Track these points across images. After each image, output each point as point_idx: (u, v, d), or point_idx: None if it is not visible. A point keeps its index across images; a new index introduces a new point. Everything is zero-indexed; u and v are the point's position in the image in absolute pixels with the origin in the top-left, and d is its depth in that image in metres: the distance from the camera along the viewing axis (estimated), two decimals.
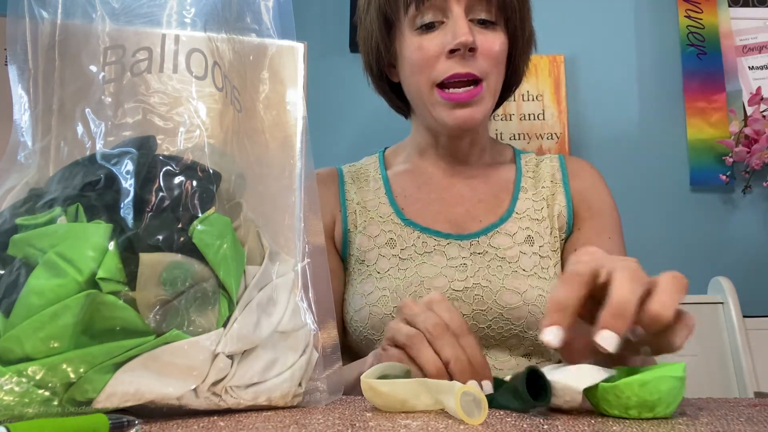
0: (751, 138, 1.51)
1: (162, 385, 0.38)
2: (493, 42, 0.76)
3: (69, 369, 0.36)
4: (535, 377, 0.41)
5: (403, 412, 0.42)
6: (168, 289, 0.39)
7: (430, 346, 0.50)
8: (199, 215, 0.41)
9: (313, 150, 0.53)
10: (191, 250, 0.40)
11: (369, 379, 0.43)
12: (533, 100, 1.59)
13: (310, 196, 0.52)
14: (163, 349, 0.38)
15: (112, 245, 0.38)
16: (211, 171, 0.44)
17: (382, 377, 0.46)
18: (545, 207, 0.82)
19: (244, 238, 0.45)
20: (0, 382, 0.34)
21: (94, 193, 0.41)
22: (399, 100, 0.87)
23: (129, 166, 0.41)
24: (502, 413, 0.41)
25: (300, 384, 0.45)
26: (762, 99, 1.53)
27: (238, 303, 0.42)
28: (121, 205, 0.40)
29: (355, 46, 1.55)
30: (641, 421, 0.39)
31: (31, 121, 0.46)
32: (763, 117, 1.52)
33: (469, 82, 0.75)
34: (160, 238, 0.39)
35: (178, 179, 0.42)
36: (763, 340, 1.31)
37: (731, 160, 1.52)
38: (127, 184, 0.41)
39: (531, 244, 0.78)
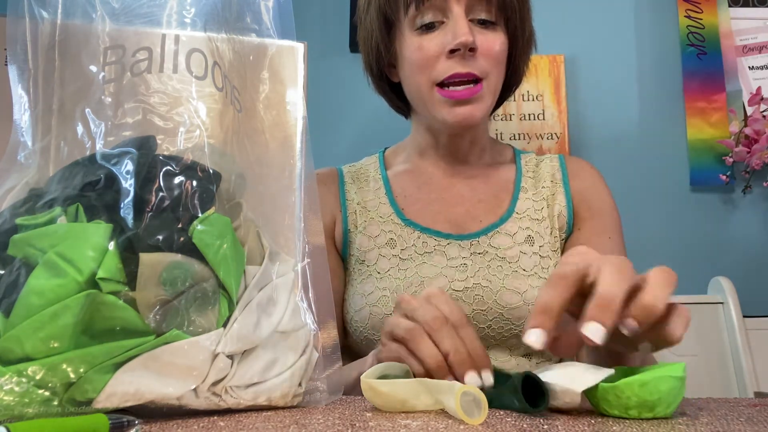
0: (751, 138, 1.51)
1: (162, 385, 0.38)
2: (493, 42, 0.76)
3: (69, 369, 0.36)
4: (532, 382, 0.41)
5: (403, 412, 0.42)
6: (168, 289, 0.39)
7: (430, 339, 0.49)
8: (199, 215, 0.41)
9: (313, 150, 0.53)
10: (191, 250, 0.40)
11: (369, 379, 0.43)
12: (533, 100, 1.59)
13: (310, 196, 0.52)
14: (163, 349, 0.38)
15: (112, 245, 0.38)
16: (211, 171, 0.44)
17: (382, 377, 0.46)
18: (545, 207, 0.82)
19: (244, 238, 0.45)
20: (0, 382, 0.34)
21: (94, 193, 0.41)
22: (399, 100, 0.87)
23: (129, 166, 0.41)
24: (502, 413, 0.41)
25: (300, 384, 0.45)
26: (762, 99, 1.53)
27: (238, 303, 0.42)
28: (121, 205, 0.40)
29: (355, 46, 1.55)
30: (641, 421, 0.39)
31: (31, 121, 0.46)
32: (763, 117, 1.52)
33: (469, 81, 0.75)
34: (160, 238, 0.39)
35: (178, 179, 0.42)
36: (763, 340, 1.31)
37: (731, 160, 1.52)
38: (127, 184, 0.41)
39: (531, 244, 0.78)
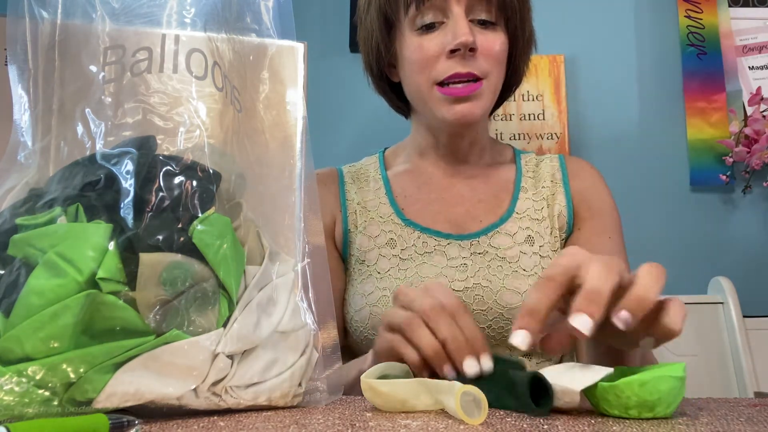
0: (751, 138, 1.51)
1: (162, 385, 0.38)
2: (493, 42, 0.76)
3: (69, 369, 0.36)
4: (537, 382, 0.41)
5: (403, 412, 0.42)
6: (168, 289, 0.39)
7: (427, 327, 0.49)
8: (199, 215, 0.41)
9: (313, 150, 0.53)
10: (191, 250, 0.40)
11: (369, 379, 0.43)
12: (533, 100, 1.59)
13: (310, 196, 0.52)
14: (163, 349, 0.38)
15: (112, 245, 0.38)
16: (211, 171, 0.44)
17: (382, 377, 0.46)
18: (545, 207, 0.82)
19: (244, 238, 0.45)
20: (0, 382, 0.34)
21: (94, 193, 0.41)
22: (399, 100, 0.87)
23: (129, 166, 0.41)
24: (502, 413, 0.41)
25: (300, 384, 0.45)
26: (762, 99, 1.53)
27: (238, 303, 0.42)
28: (121, 205, 0.40)
29: (355, 46, 1.55)
30: (641, 421, 0.39)
31: (31, 121, 0.46)
32: (763, 117, 1.52)
33: (470, 79, 0.75)
34: (160, 238, 0.39)
35: (178, 179, 0.42)
36: (763, 340, 1.31)
37: (731, 160, 1.52)
38: (127, 184, 0.41)
39: (531, 244, 0.78)
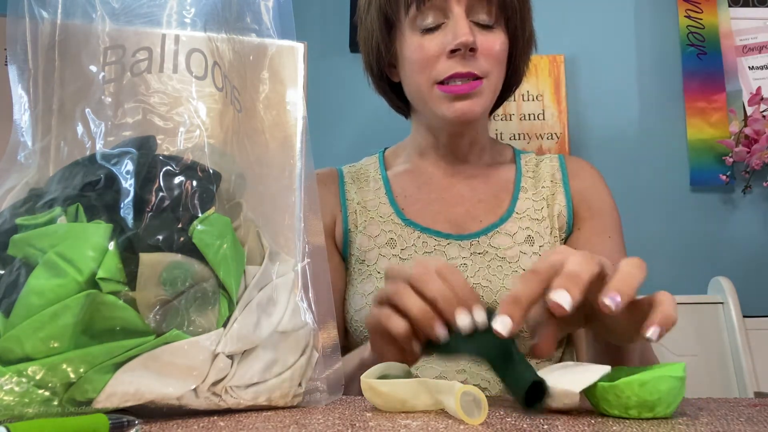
0: (751, 138, 1.51)
1: (162, 385, 0.38)
2: (493, 42, 0.76)
3: (69, 369, 0.36)
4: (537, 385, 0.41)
5: (403, 412, 0.42)
6: (168, 289, 0.39)
7: (414, 292, 0.48)
8: (199, 215, 0.41)
9: (313, 150, 0.53)
10: (191, 250, 0.40)
11: (369, 379, 0.43)
12: (533, 100, 1.59)
13: (310, 196, 0.52)
14: (163, 349, 0.38)
15: (112, 245, 0.38)
16: (211, 171, 0.44)
17: (382, 377, 0.46)
18: (545, 207, 0.82)
19: (244, 238, 0.45)
20: (0, 382, 0.34)
21: (94, 193, 0.41)
22: (399, 100, 0.87)
23: (129, 166, 0.41)
24: (502, 413, 0.41)
25: (300, 384, 0.45)
26: (762, 99, 1.53)
27: (238, 303, 0.42)
28: (121, 205, 0.40)
29: (355, 46, 1.55)
30: (641, 421, 0.39)
31: (31, 121, 0.46)
32: (763, 117, 1.52)
33: (470, 78, 0.75)
34: (160, 238, 0.39)
35: (178, 179, 0.42)
36: (763, 340, 1.31)
37: (731, 160, 1.52)
38: (127, 184, 0.41)
39: (531, 244, 0.78)
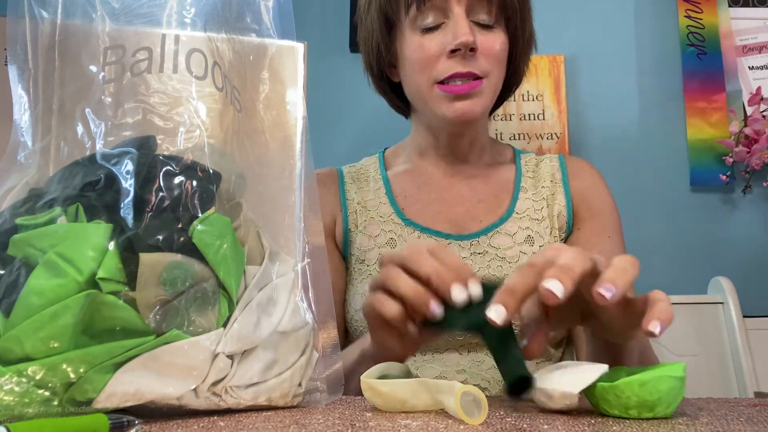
0: (751, 138, 1.51)
1: (162, 385, 0.38)
2: (493, 42, 0.76)
3: (69, 369, 0.36)
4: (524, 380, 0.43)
5: (403, 412, 0.42)
6: (168, 289, 0.39)
7: (408, 274, 0.48)
8: (199, 215, 0.41)
9: (313, 150, 0.53)
10: (191, 250, 0.40)
11: (369, 379, 0.43)
12: (533, 100, 1.59)
13: (310, 196, 0.52)
14: (163, 349, 0.38)
15: (112, 245, 0.38)
16: (211, 171, 0.44)
17: (382, 377, 0.46)
18: (545, 207, 0.82)
19: (244, 238, 0.45)
20: (0, 382, 0.34)
21: (94, 193, 0.41)
22: (399, 100, 0.87)
23: (129, 166, 0.41)
24: (502, 413, 0.41)
25: (300, 384, 0.45)
26: (762, 99, 1.53)
27: (238, 303, 0.42)
28: (121, 205, 0.40)
29: (355, 46, 1.55)
30: (641, 421, 0.39)
31: (31, 121, 0.46)
32: (763, 117, 1.52)
33: (470, 78, 0.75)
34: (160, 238, 0.39)
35: (178, 179, 0.42)
36: (763, 340, 1.31)
37: (731, 160, 1.52)
38: (127, 184, 0.41)
39: (531, 244, 0.78)
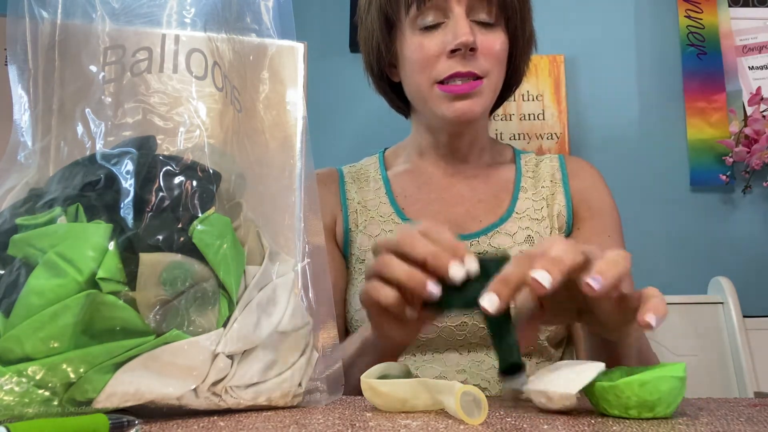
0: (751, 138, 1.51)
1: (162, 385, 0.38)
2: (493, 42, 0.76)
3: (69, 369, 0.36)
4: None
5: (403, 412, 0.42)
6: (168, 289, 0.39)
7: (401, 259, 0.48)
8: (199, 215, 0.41)
9: (313, 150, 0.53)
10: (191, 250, 0.40)
11: (369, 379, 0.43)
12: (533, 100, 1.59)
13: (310, 196, 0.52)
14: (163, 349, 0.38)
15: (112, 245, 0.38)
16: (211, 171, 0.44)
17: (382, 377, 0.46)
18: (545, 207, 0.82)
19: (244, 238, 0.45)
20: (0, 382, 0.34)
21: (94, 193, 0.41)
22: (399, 100, 0.87)
23: (129, 166, 0.41)
24: (502, 413, 0.41)
25: (300, 384, 0.45)
26: (762, 99, 1.53)
27: (238, 303, 0.42)
28: (121, 205, 0.40)
29: (355, 46, 1.55)
30: (641, 421, 0.39)
31: (31, 121, 0.46)
32: (763, 117, 1.52)
33: (470, 78, 0.75)
34: (160, 238, 0.39)
35: (178, 179, 0.42)
36: (763, 340, 1.31)
37: (731, 160, 1.52)
38: (127, 184, 0.41)
39: (531, 244, 0.78)
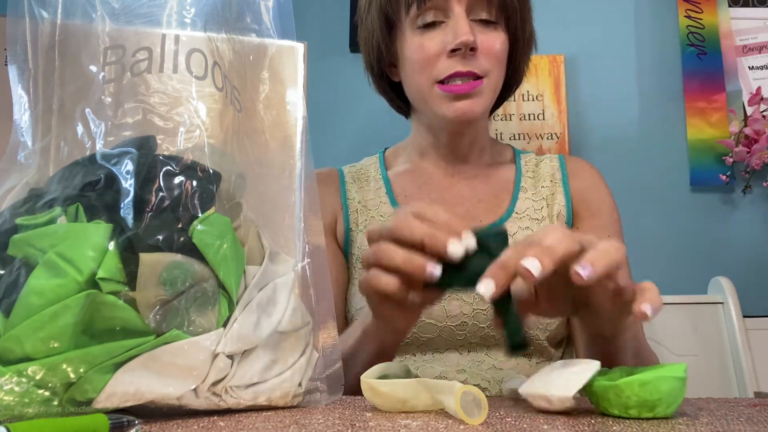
0: (751, 138, 1.51)
1: (162, 385, 0.38)
2: (494, 41, 0.76)
3: (69, 369, 0.36)
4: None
5: (403, 412, 0.42)
6: (168, 289, 0.39)
7: (397, 244, 0.47)
8: (199, 215, 0.41)
9: (313, 150, 0.53)
10: (191, 250, 0.40)
11: (369, 379, 0.43)
12: (533, 100, 1.59)
13: (310, 196, 0.52)
14: (163, 349, 0.38)
15: (112, 245, 0.38)
16: (211, 171, 0.44)
17: (382, 377, 0.46)
18: (545, 207, 0.82)
19: (244, 238, 0.45)
20: (0, 382, 0.34)
21: (94, 193, 0.41)
22: (399, 100, 0.87)
23: (129, 166, 0.41)
24: (502, 413, 0.41)
25: (300, 384, 0.45)
26: (762, 99, 1.53)
27: (238, 303, 0.42)
28: (121, 205, 0.40)
29: (355, 46, 1.55)
30: (641, 421, 0.39)
31: (31, 121, 0.46)
32: (763, 117, 1.52)
33: (470, 78, 0.75)
34: (160, 238, 0.39)
35: (178, 179, 0.42)
36: (763, 340, 1.31)
37: (731, 160, 1.52)
38: (127, 184, 0.41)
39: None
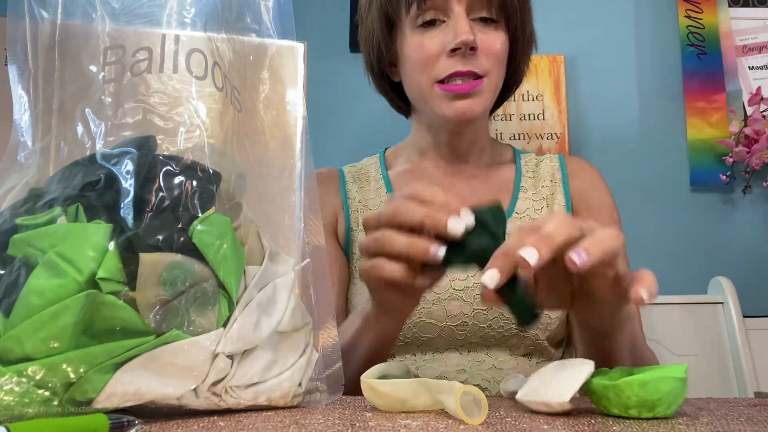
0: (751, 138, 1.51)
1: (162, 385, 0.38)
2: (494, 41, 0.76)
3: (69, 369, 0.36)
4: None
5: (403, 412, 0.42)
6: (168, 289, 0.39)
7: (396, 230, 0.47)
8: (199, 215, 0.41)
9: (313, 150, 0.53)
10: (191, 250, 0.40)
11: (369, 379, 0.43)
12: (533, 100, 1.59)
13: (310, 196, 0.52)
14: (163, 349, 0.38)
15: (112, 245, 0.38)
16: (211, 171, 0.44)
17: (382, 377, 0.46)
18: (545, 207, 0.82)
19: (244, 238, 0.45)
20: (0, 382, 0.34)
21: (94, 193, 0.41)
22: (399, 100, 0.87)
23: (129, 166, 0.41)
24: (502, 413, 0.41)
25: (300, 384, 0.45)
26: (762, 99, 1.53)
27: (238, 303, 0.42)
28: (121, 205, 0.40)
29: (355, 46, 1.55)
30: (641, 421, 0.39)
31: (31, 121, 0.46)
32: (763, 117, 1.52)
33: (470, 77, 0.75)
34: (160, 238, 0.39)
35: (178, 179, 0.42)
36: (763, 340, 1.31)
37: (731, 160, 1.52)
38: (127, 184, 0.41)
39: None
